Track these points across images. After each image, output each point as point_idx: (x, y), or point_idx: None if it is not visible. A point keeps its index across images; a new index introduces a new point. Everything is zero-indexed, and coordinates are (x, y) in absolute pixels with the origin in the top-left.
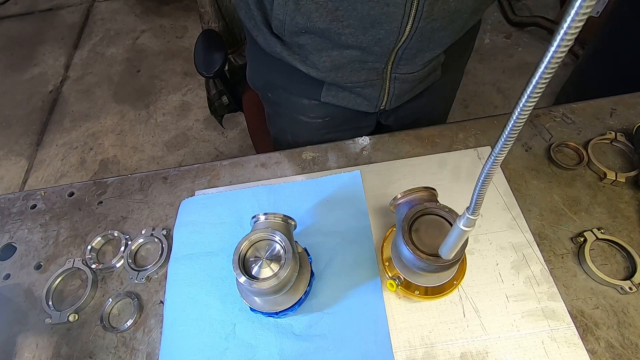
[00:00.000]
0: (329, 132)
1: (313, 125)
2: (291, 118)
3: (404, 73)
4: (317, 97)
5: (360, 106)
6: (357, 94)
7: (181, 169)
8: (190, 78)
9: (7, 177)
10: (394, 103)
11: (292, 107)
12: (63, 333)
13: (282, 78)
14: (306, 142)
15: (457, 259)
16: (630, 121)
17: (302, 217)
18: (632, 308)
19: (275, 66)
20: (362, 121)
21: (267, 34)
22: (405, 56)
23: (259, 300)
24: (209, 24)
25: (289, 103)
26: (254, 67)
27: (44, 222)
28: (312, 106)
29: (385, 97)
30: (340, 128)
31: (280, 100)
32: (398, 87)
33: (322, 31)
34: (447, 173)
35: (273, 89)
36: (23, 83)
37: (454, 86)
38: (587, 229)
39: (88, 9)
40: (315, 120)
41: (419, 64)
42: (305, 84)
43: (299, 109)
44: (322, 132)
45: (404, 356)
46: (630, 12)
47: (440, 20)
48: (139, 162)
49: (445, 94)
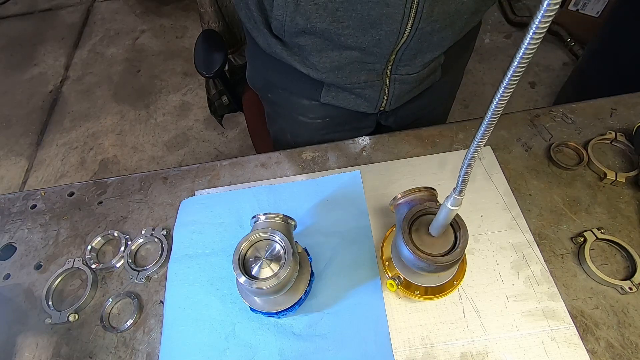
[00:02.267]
0: (329, 133)
1: (313, 126)
2: (291, 118)
3: (403, 74)
4: (317, 98)
5: (360, 107)
6: (357, 95)
7: (181, 169)
8: (190, 78)
9: (7, 177)
10: (394, 104)
11: (291, 108)
12: (63, 333)
13: (282, 78)
14: (306, 142)
15: (457, 259)
16: (630, 121)
17: (302, 217)
18: (632, 308)
19: (275, 66)
20: (362, 122)
21: (267, 35)
22: (405, 57)
23: (259, 300)
24: (209, 24)
25: (289, 103)
26: (254, 67)
27: (44, 222)
28: (312, 107)
29: (385, 98)
30: (340, 128)
31: (280, 101)
32: (398, 88)
33: (322, 32)
34: (447, 173)
35: (273, 89)
36: (23, 83)
37: (454, 86)
38: (587, 229)
39: (88, 9)
40: (315, 121)
41: (419, 65)
42: (305, 85)
43: (299, 109)
44: (321, 133)
45: (404, 356)
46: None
47: (440, 22)
48: (139, 162)
49: (445, 95)
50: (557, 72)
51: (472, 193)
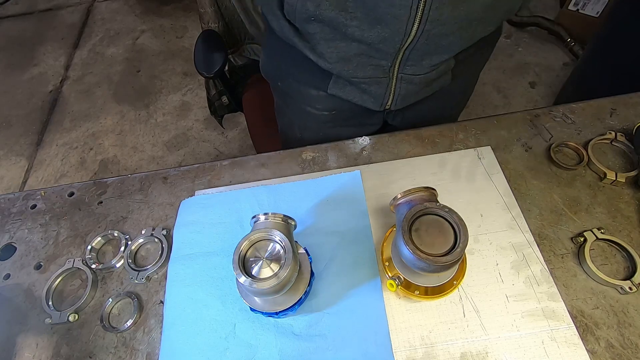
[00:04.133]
0: (335, 127)
1: (320, 118)
2: (299, 109)
3: (410, 74)
4: (325, 89)
5: (365, 102)
6: (363, 91)
7: (181, 169)
8: (190, 78)
9: (7, 177)
10: (400, 104)
11: (300, 98)
12: (63, 333)
13: (293, 66)
14: (313, 136)
15: (457, 259)
16: (630, 121)
17: (302, 217)
18: (632, 308)
19: (287, 53)
20: (368, 118)
21: (280, 18)
22: (412, 57)
23: (259, 300)
24: (208, 24)
25: (298, 93)
26: (268, 55)
27: (44, 222)
28: (320, 97)
29: (391, 97)
30: (347, 123)
31: (289, 90)
32: (404, 88)
33: (330, 20)
34: (447, 173)
35: (283, 78)
36: (23, 83)
37: (466, 91)
38: (587, 229)
39: (88, 9)
40: (322, 113)
41: (427, 66)
42: (314, 74)
43: (307, 99)
44: (328, 126)
45: (404, 356)
46: (630, 12)
47: (448, 26)
48: (139, 162)
49: (455, 99)
50: (557, 72)
51: (472, 193)
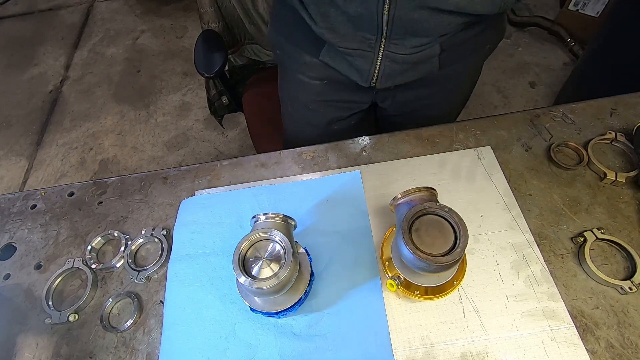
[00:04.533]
0: (326, 101)
1: (312, 87)
2: (294, 79)
3: (394, 52)
4: (317, 55)
5: (352, 75)
6: (350, 63)
7: (181, 169)
8: (190, 78)
9: (7, 177)
10: (385, 81)
11: (295, 65)
12: (63, 333)
13: (291, 30)
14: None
15: (457, 259)
16: (630, 121)
17: (302, 217)
18: (632, 308)
19: (288, 17)
20: (357, 95)
21: None
22: (394, 36)
23: (259, 300)
24: (208, 24)
25: (292, 60)
26: (272, 23)
27: (44, 222)
28: (313, 65)
29: (376, 74)
30: (337, 98)
31: (285, 58)
32: (388, 66)
33: None
34: (447, 173)
35: (282, 44)
36: (23, 83)
37: (461, 85)
38: (587, 229)
39: (88, 9)
40: (313, 81)
41: (409, 46)
42: (308, 38)
43: (301, 67)
44: (319, 99)
45: (404, 356)
46: (630, 12)
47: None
48: (139, 162)
49: (446, 90)
50: (557, 72)
51: (472, 193)
